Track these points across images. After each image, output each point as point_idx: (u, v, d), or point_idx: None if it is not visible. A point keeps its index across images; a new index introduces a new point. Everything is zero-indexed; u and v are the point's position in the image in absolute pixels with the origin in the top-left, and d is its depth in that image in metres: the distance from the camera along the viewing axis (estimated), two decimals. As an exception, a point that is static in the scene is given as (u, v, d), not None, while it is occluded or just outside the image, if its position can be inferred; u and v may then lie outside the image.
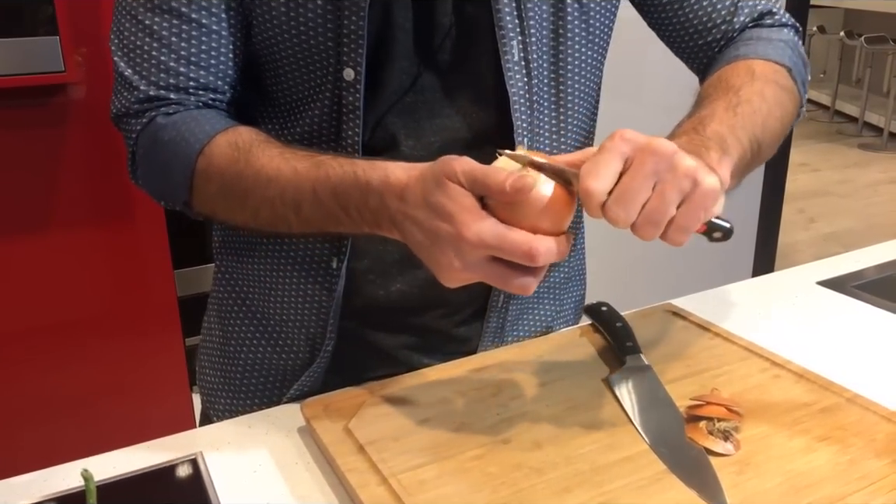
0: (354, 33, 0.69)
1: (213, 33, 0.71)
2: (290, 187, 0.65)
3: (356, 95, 0.71)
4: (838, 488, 0.58)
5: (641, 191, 0.53)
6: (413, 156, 0.74)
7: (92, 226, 1.61)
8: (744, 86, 0.71)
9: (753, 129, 0.67)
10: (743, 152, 0.65)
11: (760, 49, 0.77)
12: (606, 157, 0.54)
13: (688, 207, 0.54)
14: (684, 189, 0.54)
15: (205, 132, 0.69)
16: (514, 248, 0.54)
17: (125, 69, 0.71)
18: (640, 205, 0.54)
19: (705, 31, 0.81)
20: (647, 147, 0.53)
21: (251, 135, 0.69)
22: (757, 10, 0.82)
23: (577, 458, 0.62)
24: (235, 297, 0.84)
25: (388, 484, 0.59)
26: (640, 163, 0.53)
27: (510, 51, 0.72)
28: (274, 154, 0.67)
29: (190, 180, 0.69)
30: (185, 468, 0.66)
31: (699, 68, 0.85)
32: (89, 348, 1.67)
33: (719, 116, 0.66)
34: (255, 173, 0.66)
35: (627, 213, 0.53)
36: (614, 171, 0.54)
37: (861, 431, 0.65)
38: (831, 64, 6.50)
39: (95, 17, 1.50)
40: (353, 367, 0.81)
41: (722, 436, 0.63)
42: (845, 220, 4.10)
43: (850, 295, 0.97)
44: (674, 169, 0.53)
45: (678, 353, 0.78)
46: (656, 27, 0.84)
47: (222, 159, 0.68)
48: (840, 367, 0.77)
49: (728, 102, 0.68)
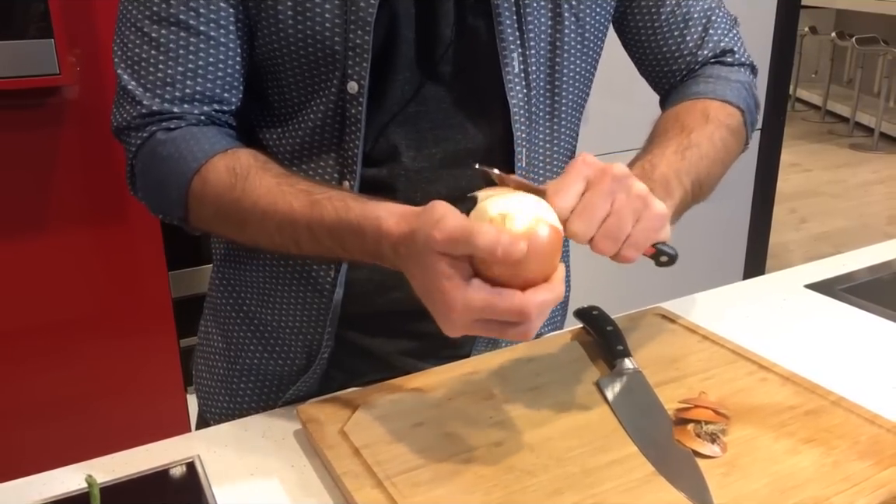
0: (360, 47, 0.69)
1: (220, 45, 0.70)
2: (286, 224, 0.65)
3: (359, 108, 0.71)
4: (822, 489, 0.59)
5: (600, 207, 0.58)
6: (414, 167, 0.75)
7: (86, 227, 1.62)
8: (696, 128, 0.75)
9: (698, 173, 0.72)
10: (685, 194, 0.70)
11: (719, 89, 0.81)
12: (571, 178, 0.59)
13: (642, 226, 0.60)
14: (637, 209, 0.59)
15: (203, 151, 0.69)
16: (506, 313, 0.54)
17: (129, 82, 0.71)
18: (600, 220, 0.58)
19: (672, 59, 0.85)
20: (606, 170, 0.59)
21: (249, 159, 0.69)
22: (720, 46, 0.85)
23: (567, 460, 0.63)
24: (233, 303, 0.85)
25: (382, 487, 0.60)
26: (599, 182, 0.58)
27: (511, 63, 0.73)
28: (271, 185, 0.66)
29: (185, 199, 0.70)
30: (183, 471, 0.67)
31: (661, 91, 0.89)
32: (83, 350, 1.67)
33: (668, 159, 0.71)
34: (251, 205, 0.66)
35: (588, 227, 0.58)
36: (577, 190, 0.59)
37: (845, 434, 0.66)
38: (823, 64, 6.54)
39: (90, 19, 1.51)
40: (349, 372, 0.82)
41: (709, 438, 0.64)
42: (836, 220, 4.13)
43: (837, 298, 0.99)
44: (628, 190, 0.59)
45: (667, 357, 0.79)
46: (629, 48, 0.88)
47: (219, 184, 0.68)
48: (826, 370, 0.79)
49: (679, 145, 0.73)
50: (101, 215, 1.62)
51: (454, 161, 0.76)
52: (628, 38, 0.87)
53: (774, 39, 2.42)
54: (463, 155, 0.76)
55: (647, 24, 0.84)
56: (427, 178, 0.76)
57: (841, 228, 3.99)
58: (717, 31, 0.85)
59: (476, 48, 0.74)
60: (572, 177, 0.59)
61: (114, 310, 1.69)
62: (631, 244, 0.59)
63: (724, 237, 2.54)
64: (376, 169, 0.75)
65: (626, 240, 0.59)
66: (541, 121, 0.78)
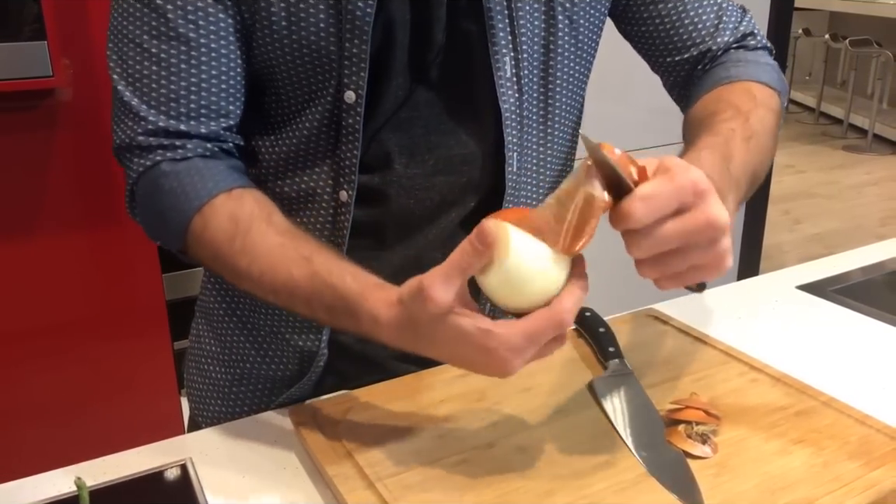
0: (357, 56, 0.69)
1: (222, 57, 0.69)
2: (283, 291, 0.64)
3: (356, 118, 0.70)
4: (812, 490, 0.60)
5: (679, 258, 0.53)
6: (407, 174, 0.75)
7: (80, 230, 1.62)
8: (751, 112, 0.71)
9: (755, 169, 0.68)
10: (745, 195, 0.66)
11: (752, 72, 0.78)
12: (666, 194, 0.51)
13: (696, 273, 0.54)
14: (710, 266, 0.54)
15: (206, 189, 0.67)
16: (547, 332, 0.53)
17: (132, 99, 0.69)
18: (672, 270, 0.54)
19: (684, 48, 0.82)
20: (707, 216, 0.51)
21: (253, 208, 0.67)
22: (740, 30, 0.82)
23: (559, 461, 0.64)
24: (226, 308, 0.85)
25: (374, 489, 0.60)
26: (694, 233, 0.52)
27: (503, 67, 0.73)
28: (272, 246, 0.64)
29: (183, 236, 0.68)
30: (175, 474, 0.67)
31: (674, 83, 0.86)
32: (77, 352, 1.67)
33: (739, 150, 0.66)
34: (249, 262, 0.64)
35: (656, 273, 0.54)
36: (666, 212, 0.51)
37: (835, 434, 0.67)
38: (816, 66, 6.56)
39: (83, 22, 1.51)
40: (343, 376, 0.82)
41: (700, 439, 0.65)
42: (830, 221, 4.14)
43: (828, 299, 0.99)
44: (714, 244, 0.53)
45: (659, 358, 0.80)
46: (634, 40, 0.85)
47: (218, 232, 0.66)
48: (817, 371, 0.79)
49: (744, 132, 0.68)
50: (94, 218, 1.62)
51: (447, 168, 0.76)
52: (632, 31, 0.84)
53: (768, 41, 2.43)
54: (456, 161, 0.76)
55: (651, 13, 0.81)
56: (420, 186, 0.76)
57: (834, 229, 4.00)
58: (731, 18, 0.82)
59: (468, 52, 0.73)
60: (668, 195, 0.51)
61: (108, 312, 1.68)
62: (677, 280, 0.55)
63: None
64: (369, 176, 0.74)
65: (675, 276, 0.54)
66: (533, 125, 0.78)
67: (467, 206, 0.78)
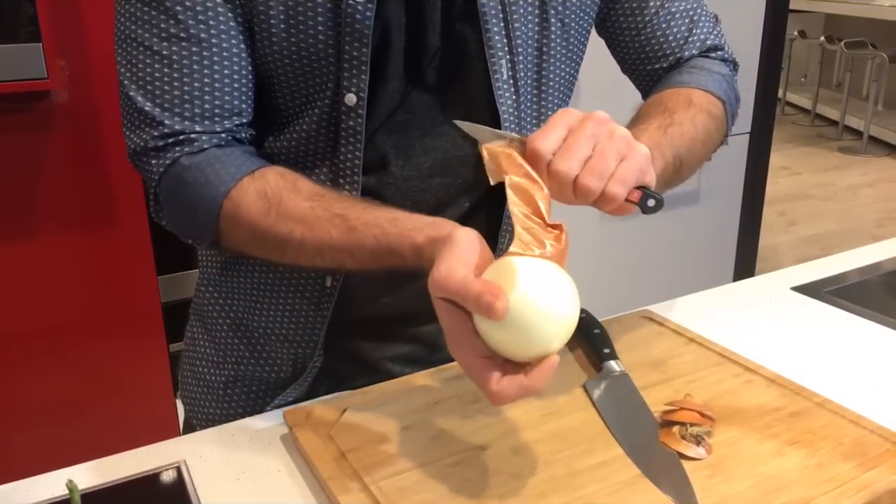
0: (357, 59, 0.69)
1: (233, 56, 0.69)
2: (326, 251, 0.64)
3: (358, 121, 0.71)
4: (806, 491, 0.60)
5: (582, 147, 0.59)
6: (403, 176, 0.75)
7: (75, 232, 1.61)
8: (678, 110, 0.76)
9: (678, 149, 0.72)
10: (665, 165, 0.70)
11: (701, 79, 0.82)
12: (552, 124, 0.60)
13: (627, 164, 0.59)
14: (621, 149, 0.60)
15: (230, 174, 0.68)
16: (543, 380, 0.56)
17: (145, 104, 0.68)
18: (583, 160, 0.58)
19: (655, 58, 0.86)
20: (588, 115, 0.60)
21: (278, 180, 0.68)
22: (706, 45, 0.86)
23: (553, 463, 0.64)
24: (220, 309, 0.85)
25: (368, 490, 0.60)
26: (580, 126, 0.59)
27: (500, 69, 0.73)
28: (305, 210, 0.65)
29: (216, 224, 0.68)
30: (169, 476, 0.67)
31: (645, 89, 0.89)
32: (72, 354, 1.66)
33: (650, 133, 0.72)
34: (288, 231, 0.65)
35: (570, 166, 0.58)
36: (559, 135, 0.59)
37: (829, 435, 0.67)
38: (812, 68, 6.57)
39: (78, 24, 1.50)
40: (338, 377, 0.82)
41: (694, 440, 0.65)
42: (826, 222, 4.15)
43: (823, 300, 1.00)
44: (611, 133, 0.60)
45: (654, 359, 0.80)
46: (613, 48, 0.88)
47: (252, 210, 0.66)
48: (811, 372, 0.79)
49: (661, 122, 0.74)
50: (90, 220, 1.62)
51: (443, 170, 0.76)
52: (612, 39, 0.87)
53: (763, 43, 2.43)
54: (451, 163, 0.76)
55: (630, 24, 0.84)
56: (416, 188, 0.76)
57: (830, 231, 4.01)
58: (701, 30, 0.86)
59: (463, 55, 0.74)
60: (554, 124, 0.60)
61: (103, 314, 1.68)
62: (617, 180, 0.59)
63: (714, 240, 2.55)
64: (365, 178, 0.75)
65: (612, 176, 0.59)
66: (528, 126, 0.78)
67: (462, 207, 0.78)
